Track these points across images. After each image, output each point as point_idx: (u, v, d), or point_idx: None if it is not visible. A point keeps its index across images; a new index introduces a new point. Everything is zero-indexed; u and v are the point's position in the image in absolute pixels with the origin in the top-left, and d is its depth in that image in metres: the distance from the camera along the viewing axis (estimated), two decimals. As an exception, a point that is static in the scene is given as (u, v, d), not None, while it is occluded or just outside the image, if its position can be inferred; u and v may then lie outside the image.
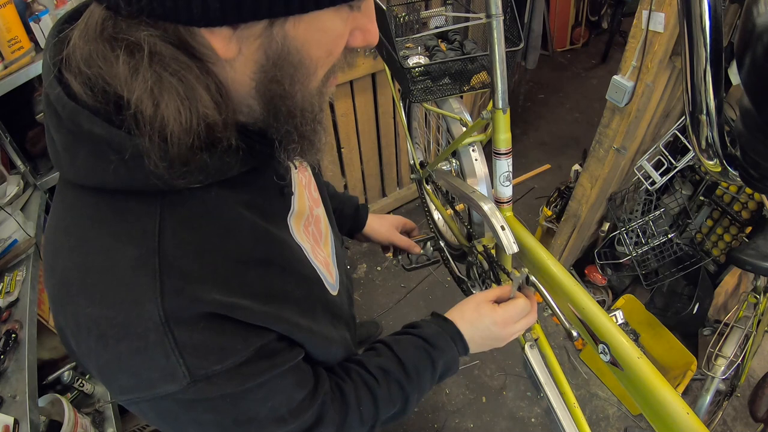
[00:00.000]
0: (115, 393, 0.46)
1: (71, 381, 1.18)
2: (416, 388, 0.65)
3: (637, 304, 1.86)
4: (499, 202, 0.86)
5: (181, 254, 0.43)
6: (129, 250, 0.42)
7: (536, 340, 0.90)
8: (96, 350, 0.42)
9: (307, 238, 0.62)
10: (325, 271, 0.64)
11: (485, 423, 1.77)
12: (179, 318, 0.41)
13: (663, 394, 0.59)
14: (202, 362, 0.42)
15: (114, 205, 0.43)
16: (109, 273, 0.41)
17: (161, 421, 0.48)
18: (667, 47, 1.32)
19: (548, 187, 2.65)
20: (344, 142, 2.17)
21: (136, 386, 0.43)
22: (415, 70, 0.89)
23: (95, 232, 0.43)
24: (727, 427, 1.68)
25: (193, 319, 0.42)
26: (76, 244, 0.43)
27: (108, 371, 0.43)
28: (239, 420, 0.48)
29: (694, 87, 0.47)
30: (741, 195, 1.62)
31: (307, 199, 0.66)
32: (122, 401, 0.46)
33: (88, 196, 0.44)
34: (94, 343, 0.42)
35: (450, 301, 2.15)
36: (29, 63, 1.23)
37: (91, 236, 0.43)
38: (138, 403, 0.45)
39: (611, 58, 3.66)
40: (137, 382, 0.42)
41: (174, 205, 0.44)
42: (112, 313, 0.41)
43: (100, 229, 0.43)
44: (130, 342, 0.41)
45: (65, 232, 0.45)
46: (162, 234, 0.42)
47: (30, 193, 1.39)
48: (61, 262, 0.44)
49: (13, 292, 1.12)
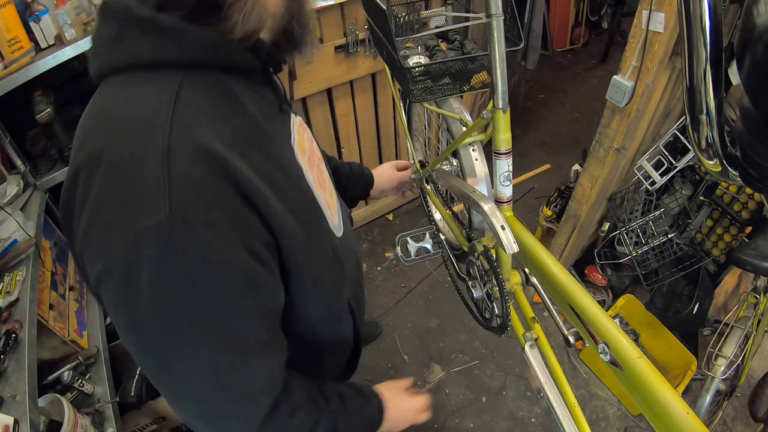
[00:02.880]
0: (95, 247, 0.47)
1: (71, 381, 1.18)
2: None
3: (637, 304, 1.86)
4: (499, 202, 0.86)
5: (193, 109, 0.49)
6: (150, 99, 0.49)
7: (536, 340, 0.90)
8: (99, 182, 0.46)
9: (311, 171, 0.66)
10: (327, 210, 0.67)
11: (485, 423, 1.77)
12: (180, 151, 0.46)
13: (663, 394, 0.59)
14: (185, 201, 0.45)
15: (145, 76, 0.51)
16: (131, 115, 0.48)
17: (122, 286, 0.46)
18: (667, 47, 1.32)
19: (548, 187, 2.65)
20: (344, 142, 2.17)
21: (120, 222, 0.45)
22: (416, 70, 0.89)
23: (123, 91, 0.51)
24: (727, 427, 1.68)
25: (191, 158, 0.46)
26: (107, 101, 0.52)
27: (101, 207, 0.46)
28: (195, 315, 0.48)
29: (694, 87, 0.47)
30: (741, 195, 1.62)
31: (307, 142, 0.72)
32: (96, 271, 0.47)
33: (121, 76, 0.52)
34: (101, 175, 0.46)
35: (450, 301, 2.15)
36: (29, 63, 1.23)
37: (120, 94, 0.51)
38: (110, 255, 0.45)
39: (611, 58, 3.67)
40: (123, 215, 0.45)
41: (194, 77, 0.51)
42: (126, 144, 0.47)
43: (128, 89, 0.51)
44: (131, 169, 0.46)
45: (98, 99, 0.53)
46: (180, 92, 0.50)
47: (30, 193, 1.39)
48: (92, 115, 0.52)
49: (13, 292, 1.12)
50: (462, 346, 2.02)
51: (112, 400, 1.24)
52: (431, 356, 1.98)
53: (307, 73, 1.80)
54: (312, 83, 1.84)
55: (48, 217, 1.44)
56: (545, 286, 0.84)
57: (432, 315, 2.13)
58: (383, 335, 2.06)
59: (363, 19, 1.81)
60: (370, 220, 2.56)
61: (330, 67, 1.84)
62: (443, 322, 2.11)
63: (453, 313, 2.12)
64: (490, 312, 1.00)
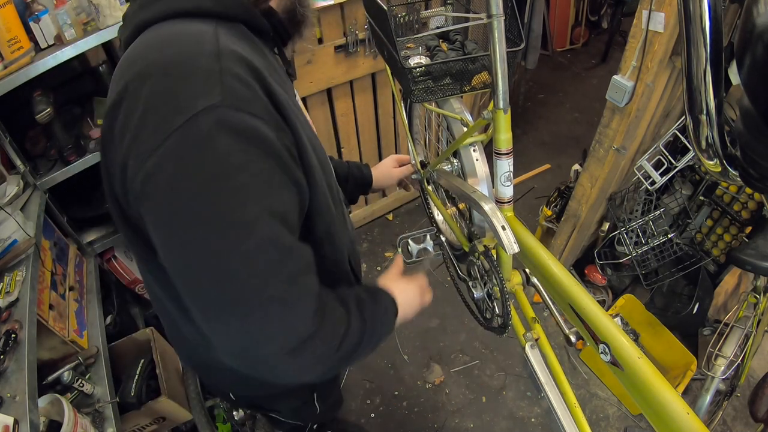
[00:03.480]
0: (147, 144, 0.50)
1: (71, 381, 1.18)
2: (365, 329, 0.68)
3: (637, 304, 1.86)
4: (499, 202, 0.86)
5: (230, 39, 0.56)
6: (194, 29, 0.56)
7: (536, 340, 0.90)
8: (152, 85, 0.52)
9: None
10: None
11: (485, 423, 1.77)
12: (227, 55, 0.53)
13: (663, 394, 0.59)
14: (235, 91, 0.51)
15: (183, 21, 0.58)
16: (179, 36, 0.55)
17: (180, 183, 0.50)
18: (667, 47, 1.32)
19: (548, 187, 2.65)
20: (344, 142, 2.17)
21: (179, 108, 0.50)
22: (416, 70, 0.89)
23: (166, 30, 0.57)
24: (727, 427, 1.68)
25: (237, 62, 0.54)
26: (151, 37, 0.57)
27: (155, 103, 0.51)
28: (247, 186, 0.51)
29: (694, 87, 0.47)
30: (741, 195, 1.62)
31: (310, 121, 0.79)
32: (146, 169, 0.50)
33: (160, 24, 0.58)
34: (154, 78, 0.52)
35: (450, 301, 2.15)
36: (29, 63, 1.23)
37: (163, 31, 0.57)
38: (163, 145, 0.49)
39: (611, 58, 3.66)
40: (181, 101, 0.50)
41: (224, 26, 0.59)
42: (180, 50, 0.53)
43: (171, 28, 0.57)
44: (187, 65, 0.52)
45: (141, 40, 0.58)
46: (217, 28, 0.57)
47: (30, 193, 1.39)
48: (136, 49, 0.57)
49: (13, 292, 1.12)
50: (462, 346, 2.02)
51: (111, 400, 1.24)
52: (431, 356, 1.98)
53: (307, 73, 1.80)
54: (312, 83, 1.84)
55: (48, 217, 1.44)
56: (545, 286, 0.85)
57: (432, 315, 2.13)
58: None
59: (363, 19, 1.81)
60: (370, 220, 2.56)
61: (330, 67, 1.84)
62: (443, 322, 2.11)
63: (453, 313, 2.12)
64: (490, 312, 1.00)
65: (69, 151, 1.42)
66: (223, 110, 0.50)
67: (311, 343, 0.56)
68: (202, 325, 0.55)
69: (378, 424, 1.79)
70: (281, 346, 0.54)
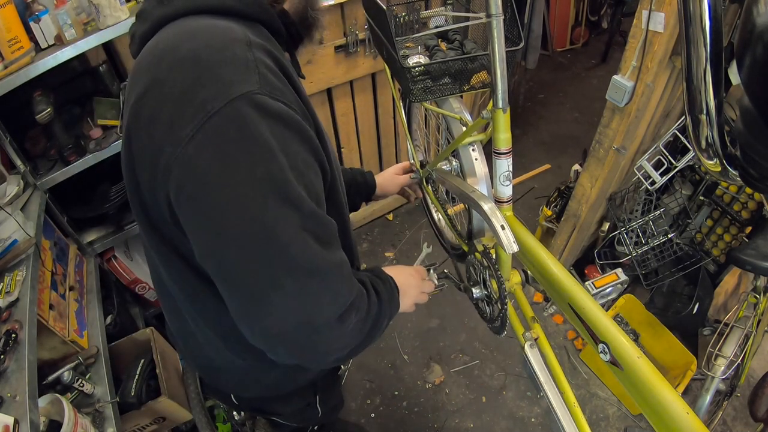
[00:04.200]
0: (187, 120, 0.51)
1: (71, 381, 1.18)
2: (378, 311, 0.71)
3: (637, 304, 1.86)
4: (499, 202, 0.86)
5: (255, 35, 0.58)
6: (220, 22, 0.58)
7: (536, 339, 0.90)
8: (186, 73, 0.53)
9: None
10: None
11: (485, 423, 1.77)
12: (257, 46, 0.56)
13: (663, 394, 0.59)
14: (268, 79, 0.54)
15: (206, 17, 0.59)
16: (210, 28, 0.57)
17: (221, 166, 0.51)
18: (667, 47, 1.32)
19: (548, 187, 2.65)
20: (344, 142, 2.17)
21: (217, 93, 0.51)
22: (415, 70, 0.89)
23: (191, 24, 0.58)
24: (727, 427, 1.68)
25: (265, 53, 0.56)
26: (177, 30, 0.58)
27: (198, 83, 0.52)
28: (288, 166, 0.53)
29: (694, 87, 0.47)
30: (741, 195, 1.62)
31: None
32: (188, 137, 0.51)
33: (179, 21, 0.59)
34: (187, 68, 0.53)
35: (450, 301, 2.15)
36: (29, 63, 1.23)
37: (188, 25, 0.58)
38: (204, 127, 0.50)
39: (611, 58, 3.66)
40: (219, 87, 0.51)
41: (248, 26, 0.60)
42: (211, 44, 0.54)
43: (189, 22, 0.58)
44: (222, 53, 0.53)
45: (163, 34, 0.59)
46: (241, 26, 0.58)
47: (30, 193, 1.39)
48: (161, 42, 0.58)
49: (13, 292, 1.12)
50: (462, 346, 2.02)
51: (112, 400, 1.24)
52: (431, 356, 1.98)
53: (307, 73, 1.80)
54: (312, 83, 1.84)
55: (48, 217, 1.44)
56: (545, 286, 0.84)
57: (432, 315, 2.13)
58: (383, 335, 2.06)
59: (363, 19, 1.81)
60: (370, 220, 2.56)
61: (330, 67, 1.84)
62: (443, 322, 2.11)
63: (453, 313, 2.12)
64: (490, 312, 1.00)
65: (69, 151, 1.42)
66: (260, 97, 0.51)
67: (353, 309, 0.60)
68: (245, 314, 0.55)
69: (378, 424, 1.79)
70: (334, 312, 0.57)
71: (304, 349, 0.59)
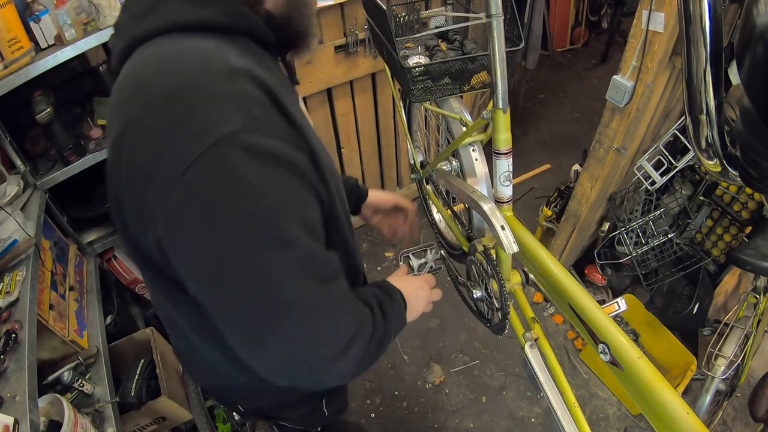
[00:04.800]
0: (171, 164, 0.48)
1: (71, 381, 1.18)
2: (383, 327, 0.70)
3: (637, 304, 1.86)
4: (499, 202, 0.86)
5: (237, 57, 0.54)
6: (197, 45, 0.54)
7: (536, 340, 0.90)
8: (164, 114, 0.49)
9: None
10: None
11: (485, 423, 1.77)
12: (239, 72, 0.51)
13: (663, 394, 0.59)
14: (252, 113, 0.50)
15: (180, 36, 0.55)
16: (186, 57, 0.52)
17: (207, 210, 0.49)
18: (667, 47, 1.32)
19: (548, 187, 2.65)
20: (344, 142, 2.17)
21: (195, 137, 0.48)
22: (416, 70, 0.89)
23: (167, 45, 0.54)
24: (727, 427, 1.68)
25: (248, 80, 0.52)
26: (153, 54, 0.54)
27: (176, 126, 0.49)
28: (279, 207, 0.51)
29: (694, 87, 0.47)
30: (741, 195, 1.62)
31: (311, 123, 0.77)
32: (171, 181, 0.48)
33: (155, 41, 0.55)
34: (164, 110, 0.49)
35: (450, 301, 2.14)
36: (29, 63, 1.23)
37: (164, 47, 0.54)
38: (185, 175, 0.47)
39: (611, 58, 3.66)
40: (197, 130, 0.48)
41: (226, 40, 0.56)
42: (187, 78, 0.50)
43: (166, 44, 0.54)
44: (201, 88, 0.49)
45: (139, 57, 0.55)
46: (219, 43, 0.54)
47: (30, 193, 1.39)
48: (137, 68, 0.54)
49: (13, 292, 1.12)
50: (462, 346, 2.02)
51: (112, 400, 1.24)
52: (431, 356, 1.98)
53: (307, 73, 1.80)
54: (312, 83, 1.84)
55: (48, 217, 1.44)
56: (545, 287, 0.84)
57: (432, 315, 2.13)
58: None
59: (363, 19, 1.81)
60: (370, 220, 2.56)
61: (330, 67, 1.84)
62: (443, 322, 2.11)
63: (453, 313, 2.12)
64: (490, 312, 1.00)
65: (69, 151, 1.42)
66: (245, 136, 0.48)
67: (354, 341, 0.58)
68: (243, 349, 0.55)
69: (378, 424, 1.79)
70: (332, 350, 0.56)
71: (303, 381, 0.59)
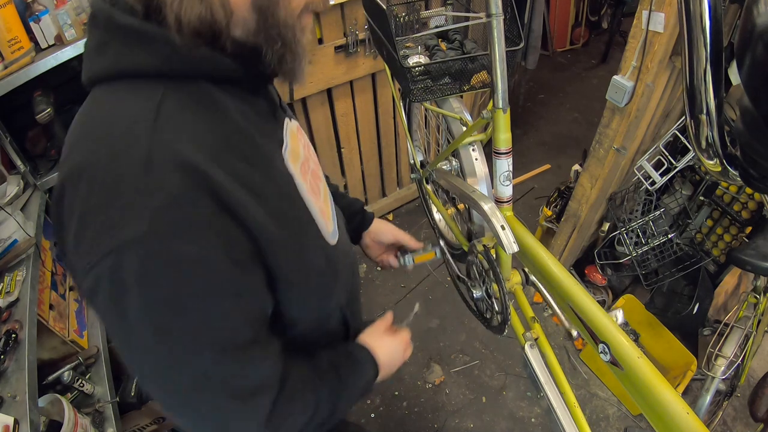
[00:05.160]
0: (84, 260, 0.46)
1: (71, 381, 1.18)
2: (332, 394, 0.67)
3: (637, 304, 1.86)
4: (499, 202, 0.86)
5: (174, 122, 0.48)
6: (131, 112, 0.48)
7: (536, 339, 0.90)
8: (82, 197, 0.46)
9: (304, 178, 0.65)
10: (320, 217, 0.66)
11: (485, 423, 1.77)
12: (160, 165, 0.45)
13: (663, 394, 0.59)
14: (165, 214, 0.45)
15: (129, 85, 0.50)
16: (111, 129, 0.48)
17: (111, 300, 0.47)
18: (667, 47, 1.32)
19: (548, 187, 2.65)
20: (344, 142, 2.17)
21: (104, 236, 0.45)
22: (415, 70, 0.89)
23: (106, 102, 0.50)
24: (727, 427, 1.68)
25: (171, 172, 0.45)
26: (90, 112, 0.51)
27: (86, 221, 0.46)
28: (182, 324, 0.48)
29: (694, 87, 0.47)
30: (741, 195, 1.62)
31: (302, 149, 0.69)
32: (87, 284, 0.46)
33: (106, 86, 0.51)
34: (84, 189, 0.46)
35: (450, 301, 2.16)
36: (29, 63, 1.23)
37: (103, 106, 0.50)
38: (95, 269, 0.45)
39: (611, 58, 3.66)
40: (106, 229, 0.45)
41: (177, 88, 0.50)
42: (106, 158, 0.46)
43: (111, 100, 0.50)
44: (112, 183, 0.45)
45: (84, 109, 0.52)
46: (161, 106, 0.48)
47: (30, 193, 1.39)
48: (77, 126, 0.51)
49: (13, 292, 1.12)
50: (462, 346, 2.02)
51: (112, 400, 1.24)
52: (431, 356, 1.98)
53: (307, 73, 1.79)
54: (312, 83, 1.84)
55: (48, 217, 1.44)
56: (545, 286, 0.84)
57: (432, 315, 2.13)
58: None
59: (363, 19, 1.81)
60: (370, 220, 2.56)
61: (330, 67, 1.84)
62: (443, 322, 2.11)
63: (453, 313, 2.12)
64: (490, 311, 1.00)
65: (69, 151, 1.42)
66: (151, 242, 0.44)
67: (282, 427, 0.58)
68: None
69: (378, 424, 1.79)
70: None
71: None
